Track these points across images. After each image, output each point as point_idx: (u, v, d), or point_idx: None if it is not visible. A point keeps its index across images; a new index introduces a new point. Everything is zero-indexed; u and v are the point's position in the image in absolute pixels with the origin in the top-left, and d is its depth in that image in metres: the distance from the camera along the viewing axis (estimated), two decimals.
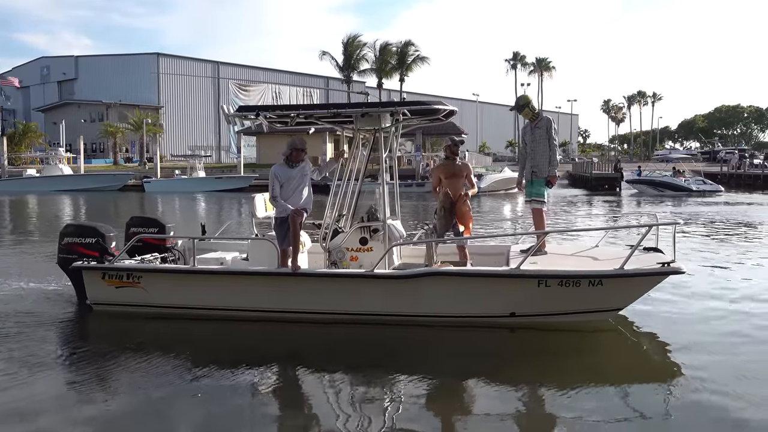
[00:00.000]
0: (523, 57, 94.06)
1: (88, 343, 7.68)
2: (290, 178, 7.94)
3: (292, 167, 8.02)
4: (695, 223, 20.76)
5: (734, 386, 5.82)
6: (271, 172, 7.99)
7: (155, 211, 30.15)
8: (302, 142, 8.09)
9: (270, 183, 7.95)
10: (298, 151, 8.02)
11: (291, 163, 8.02)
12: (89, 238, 8.54)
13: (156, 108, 76.82)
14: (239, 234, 16.30)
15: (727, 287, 10.13)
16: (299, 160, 8.04)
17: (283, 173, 7.97)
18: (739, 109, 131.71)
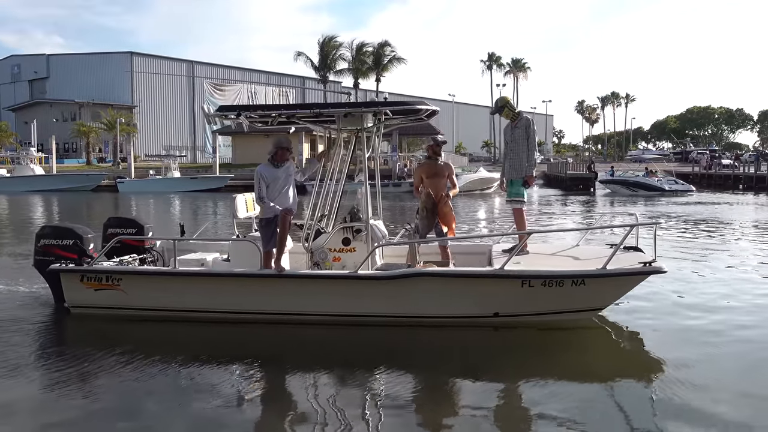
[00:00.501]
0: (498, 58, 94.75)
1: (66, 347, 7.50)
2: (276, 178, 7.81)
3: (277, 167, 7.88)
4: (672, 222, 21.06)
5: (714, 382, 5.92)
6: (257, 172, 7.80)
7: (129, 212, 29.79)
8: (288, 141, 7.98)
9: (256, 183, 7.77)
10: (283, 150, 7.89)
11: (276, 162, 7.89)
12: (66, 240, 8.37)
13: (130, 107, 75.97)
14: (217, 234, 16.12)
15: (704, 284, 10.34)
16: (284, 160, 7.91)
17: (269, 173, 7.81)
18: (710, 110, 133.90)
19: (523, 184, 8.67)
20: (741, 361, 6.60)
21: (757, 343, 7.26)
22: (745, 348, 7.08)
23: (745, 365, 6.51)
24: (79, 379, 6.23)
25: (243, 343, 7.46)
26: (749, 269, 11.99)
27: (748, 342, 7.29)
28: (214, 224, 20.76)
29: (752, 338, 7.44)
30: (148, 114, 78.95)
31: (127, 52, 79.73)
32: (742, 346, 7.15)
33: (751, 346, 7.14)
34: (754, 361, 6.66)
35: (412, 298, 7.50)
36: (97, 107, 70.54)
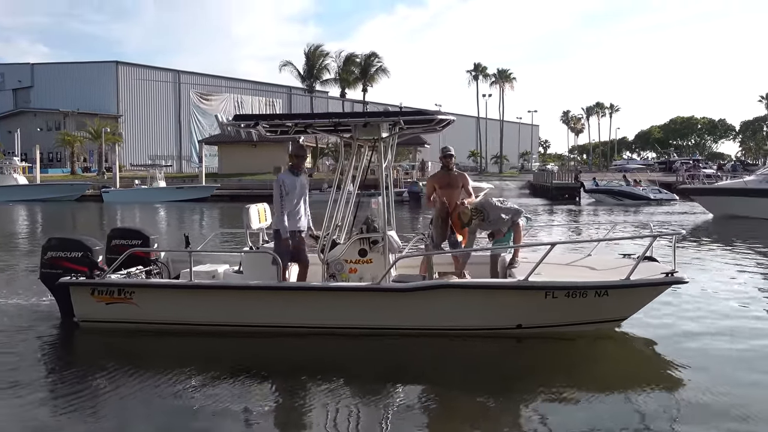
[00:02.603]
0: (484, 68, 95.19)
1: (77, 362, 7.25)
2: (294, 186, 7.90)
3: (297, 175, 7.99)
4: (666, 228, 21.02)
5: (734, 394, 5.93)
6: (279, 179, 7.87)
7: (114, 222, 29.57)
8: (305, 150, 8.04)
9: (276, 191, 7.82)
10: (300, 159, 8.08)
11: (296, 170, 8.00)
12: (75, 252, 8.17)
13: (115, 117, 75.55)
14: (221, 245, 15.71)
15: (717, 292, 10.50)
16: (301, 168, 8.05)
17: (290, 181, 7.89)
18: (693, 120, 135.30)
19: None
20: (757, 368, 6.67)
21: None
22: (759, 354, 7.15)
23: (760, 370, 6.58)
24: (92, 395, 6.05)
25: (259, 356, 7.31)
26: (757, 276, 12.15)
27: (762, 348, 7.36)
28: (216, 235, 20.53)
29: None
30: (134, 123, 78.55)
31: (112, 61, 79.43)
32: (757, 353, 7.23)
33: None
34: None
35: (435, 309, 7.43)
36: (82, 116, 70.05)
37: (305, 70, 68.30)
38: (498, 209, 8.25)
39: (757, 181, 27.20)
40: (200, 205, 40.89)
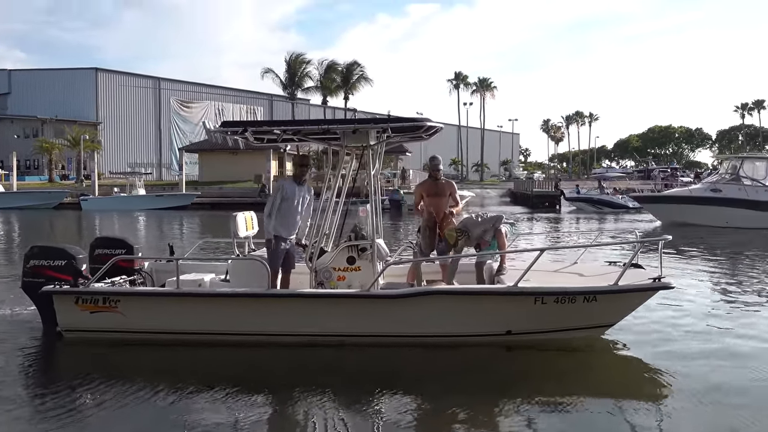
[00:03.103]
0: (465, 77, 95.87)
1: (60, 374, 7.09)
2: (294, 195, 7.91)
3: (300, 185, 8.03)
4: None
5: (720, 402, 5.99)
6: (279, 183, 7.93)
7: (92, 230, 29.27)
8: (308, 160, 8.11)
9: (273, 194, 7.89)
10: (302, 168, 8.10)
11: (298, 180, 8.04)
12: (59, 261, 8.03)
13: (94, 124, 74.86)
14: (205, 255, 15.56)
15: (701, 298, 10.71)
16: (303, 176, 8.11)
17: (290, 188, 7.93)
18: (671, 129, 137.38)
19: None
20: (738, 376, 6.73)
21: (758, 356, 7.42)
22: (745, 361, 7.22)
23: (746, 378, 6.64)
24: (76, 408, 5.88)
25: (249, 366, 7.20)
26: (741, 280, 12.35)
27: (748, 356, 7.44)
28: (200, 244, 20.38)
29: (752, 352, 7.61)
30: (114, 131, 77.87)
31: (92, 68, 78.72)
32: (742, 358, 7.32)
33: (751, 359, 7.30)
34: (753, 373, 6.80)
35: (425, 316, 7.42)
36: (60, 124, 69.32)
37: (286, 78, 68.25)
38: (479, 225, 8.34)
39: (702, 189, 28.20)
40: (180, 213, 40.57)
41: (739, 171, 27.07)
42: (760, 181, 26.54)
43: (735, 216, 25.35)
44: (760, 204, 25.69)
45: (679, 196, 29.09)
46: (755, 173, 26.95)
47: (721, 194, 26.63)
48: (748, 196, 26.07)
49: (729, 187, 26.76)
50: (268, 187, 48.90)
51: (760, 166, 27.27)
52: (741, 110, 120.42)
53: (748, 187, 26.38)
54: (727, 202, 26.18)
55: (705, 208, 26.34)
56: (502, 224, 8.42)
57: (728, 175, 27.67)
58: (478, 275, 8.43)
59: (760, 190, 26.18)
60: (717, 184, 27.59)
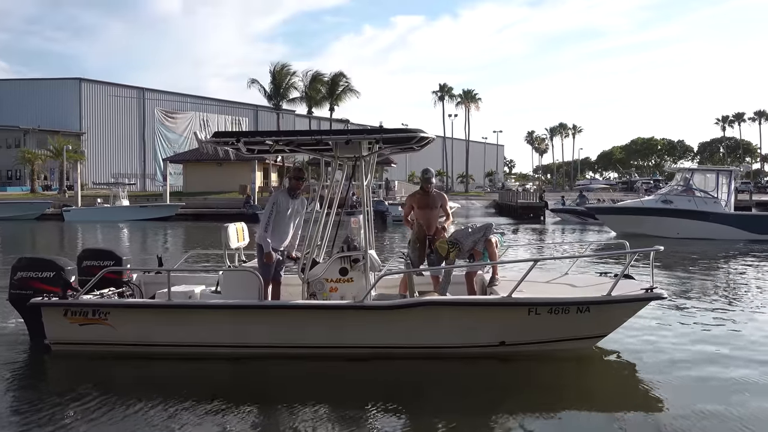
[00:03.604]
0: (450, 89, 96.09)
1: (48, 388, 6.95)
2: (287, 208, 7.93)
3: (294, 197, 8.03)
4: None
5: (709, 411, 6.01)
6: (274, 196, 7.96)
7: (74, 241, 28.99)
8: (303, 172, 8.13)
9: (267, 207, 7.90)
10: (298, 181, 8.11)
11: (293, 193, 8.04)
12: (47, 272, 7.90)
13: (78, 134, 74.35)
14: (189, 265, 15.40)
15: (691, 309, 10.80)
16: (298, 189, 8.11)
17: (284, 201, 7.94)
18: (653, 141, 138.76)
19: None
20: (727, 382, 6.83)
21: (746, 364, 7.51)
22: (733, 371, 7.30)
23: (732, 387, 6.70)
24: (65, 423, 5.78)
25: (242, 378, 7.15)
26: (724, 289, 12.57)
27: (737, 364, 7.52)
28: (189, 255, 20.18)
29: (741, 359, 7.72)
30: (97, 141, 77.42)
31: (75, 78, 78.29)
32: (731, 370, 7.36)
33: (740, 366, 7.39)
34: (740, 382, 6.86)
35: (419, 327, 7.39)
36: (43, 134, 68.76)
37: (271, 89, 68.10)
38: (469, 236, 8.36)
39: (654, 200, 28.97)
40: (164, 224, 40.29)
41: (690, 183, 27.85)
42: (710, 192, 27.32)
43: (685, 227, 26.05)
44: (709, 215, 26.53)
45: (632, 207, 29.80)
46: (706, 185, 27.74)
47: (672, 205, 27.39)
48: (698, 208, 26.88)
49: (680, 198, 27.54)
50: (253, 197, 48.75)
51: (710, 178, 28.03)
52: (722, 123, 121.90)
53: (698, 198, 27.18)
54: (678, 213, 26.97)
55: (657, 219, 27.07)
56: (492, 233, 8.43)
57: (680, 186, 28.47)
58: (469, 286, 8.43)
59: (709, 202, 26.98)
60: (668, 196, 28.36)
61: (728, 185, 27.53)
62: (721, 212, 26.73)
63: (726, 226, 26.06)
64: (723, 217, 26.50)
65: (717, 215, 26.53)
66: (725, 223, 26.20)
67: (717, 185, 27.32)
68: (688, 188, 27.64)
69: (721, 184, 27.37)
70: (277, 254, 7.93)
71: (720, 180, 27.51)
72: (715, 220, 26.30)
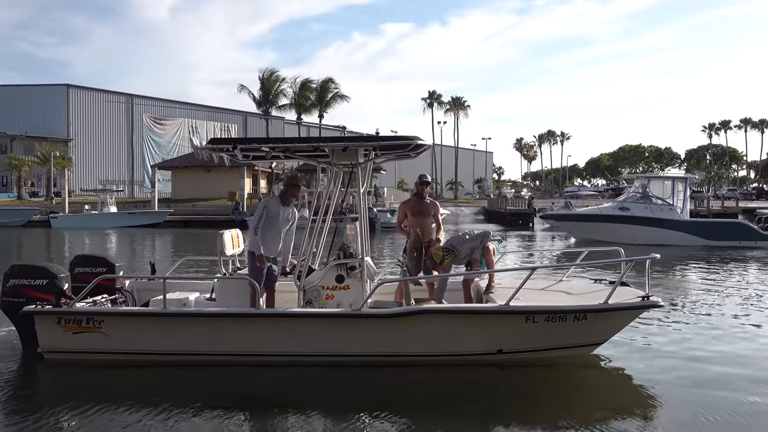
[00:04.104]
0: (439, 96, 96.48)
1: (41, 397, 6.87)
2: (277, 214, 7.88)
3: (286, 205, 8.00)
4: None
5: (707, 420, 6.03)
6: (264, 201, 7.91)
7: (61, 248, 28.78)
8: (298, 180, 8.07)
9: (257, 211, 7.84)
10: (294, 188, 8.07)
11: (286, 200, 8.01)
12: (40, 280, 7.80)
13: (65, 141, 73.92)
14: (179, 271, 15.35)
15: (686, 316, 10.87)
16: (293, 197, 8.09)
17: (275, 207, 7.89)
18: (641, 149, 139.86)
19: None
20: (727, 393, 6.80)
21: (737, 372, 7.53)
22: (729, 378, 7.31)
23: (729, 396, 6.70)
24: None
25: (237, 387, 7.04)
26: (720, 295, 12.67)
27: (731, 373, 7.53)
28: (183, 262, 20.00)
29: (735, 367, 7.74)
30: (85, 147, 76.99)
31: (63, 84, 77.89)
32: (724, 375, 7.40)
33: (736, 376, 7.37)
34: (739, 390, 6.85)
35: (417, 335, 7.34)
36: (30, 140, 68.27)
37: (261, 96, 68.01)
38: (466, 243, 8.33)
39: (611, 207, 29.52)
40: (152, 231, 40.10)
41: (647, 190, 28.29)
42: (665, 199, 27.77)
43: (641, 233, 26.29)
44: (665, 222, 26.97)
45: (589, 214, 30.25)
46: (662, 192, 28.18)
47: (628, 212, 27.78)
48: (653, 215, 27.28)
49: (636, 205, 27.94)
50: (242, 204, 48.63)
51: (666, 186, 28.49)
52: (708, 130, 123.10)
53: (654, 205, 27.59)
54: (634, 220, 27.32)
55: (614, 226, 27.41)
56: (490, 241, 8.41)
57: (637, 194, 28.89)
58: (466, 294, 8.41)
59: (664, 209, 27.43)
60: (625, 203, 28.78)
61: (684, 192, 28.02)
62: (676, 219, 27.19)
63: (681, 233, 26.48)
64: (678, 224, 26.97)
65: (672, 222, 27.00)
66: (680, 230, 26.63)
67: (673, 192, 27.81)
68: (644, 195, 28.12)
69: (677, 191, 27.87)
70: (269, 261, 7.88)
71: (676, 187, 28.02)
72: (670, 226, 26.77)
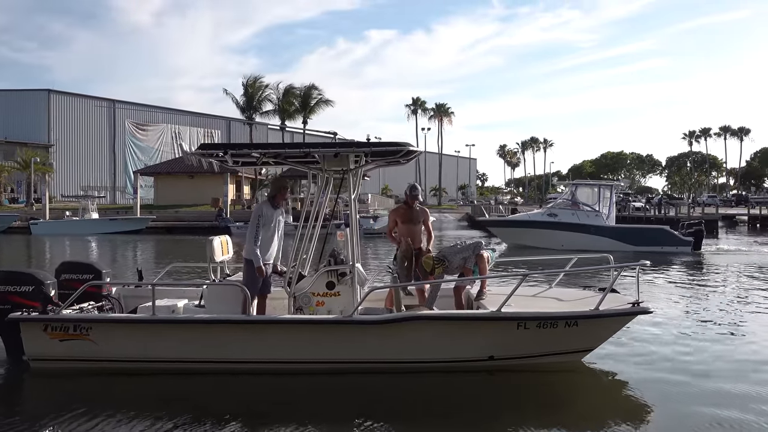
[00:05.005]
0: (423, 102, 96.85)
1: (26, 406, 6.76)
2: (271, 219, 7.85)
3: (276, 208, 7.96)
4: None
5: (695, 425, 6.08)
6: (258, 209, 7.88)
7: (42, 255, 28.48)
8: (287, 182, 8.02)
9: (252, 221, 7.78)
10: (284, 191, 8.05)
11: (276, 203, 7.97)
12: (26, 286, 7.67)
13: (46, 146, 73.21)
14: (171, 279, 15.24)
15: (673, 321, 10.96)
16: (284, 200, 8.07)
17: (268, 213, 7.85)
18: (622, 156, 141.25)
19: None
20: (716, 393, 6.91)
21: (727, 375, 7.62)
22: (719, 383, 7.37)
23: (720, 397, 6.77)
24: None
25: (227, 394, 6.97)
26: (708, 302, 12.82)
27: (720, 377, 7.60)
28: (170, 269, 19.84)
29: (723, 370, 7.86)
30: (66, 153, 76.28)
31: (44, 89, 77.11)
32: (712, 383, 7.43)
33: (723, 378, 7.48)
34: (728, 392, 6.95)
35: (408, 342, 7.31)
36: (10, 146, 67.54)
37: (244, 102, 67.80)
38: (458, 254, 8.35)
39: (540, 214, 30.36)
40: (134, 238, 39.79)
41: (574, 197, 29.06)
42: (592, 206, 28.49)
43: (569, 239, 26.75)
44: (590, 228, 27.58)
45: (520, 220, 31.04)
46: (590, 199, 28.90)
47: (557, 218, 28.39)
48: (580, 221, 27.94)
49: (564, 212, 28.64)
50: (225, 210, 48.39)
51: (593, 193, 29.22)
52: (689, 137, 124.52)
53: (580, 212, 28.30)
54: (562, 226, 27.94)
55: (542, 232, 28.08)
56: (484, 250, 8.42)
57: (565, 200, 29.72)
58: (457, 300, 8.40)
59: (591, 215, 28.15)
60: (554, 209, 29.51)
61: (610, 199, 28.66)
62: (602, 225, 27.83)
63: (606, 238, 26.97)
64: (603, 230, 27.58)
65: (597, 228, 27.60)
66: (605, 236, 27.15)
67: (599, 199, 28.51)
68: (573, 202, 28.87)
69: (603, 198, 28.56)
70: (267, 267, 7.84)
71: (602, 194, 28.72)
72: (595, 232, 27.32)
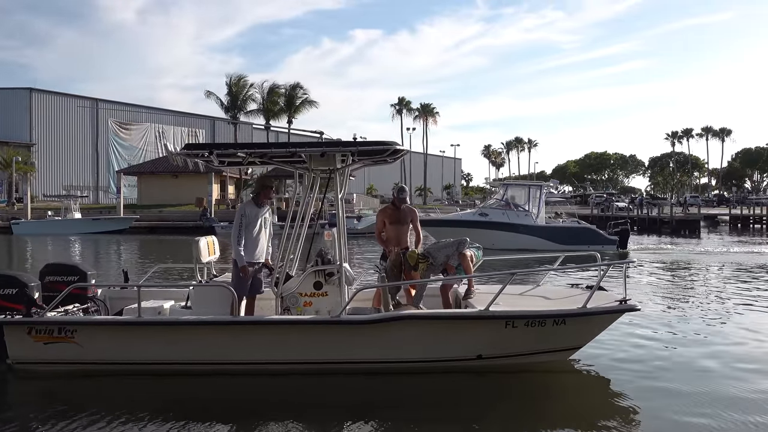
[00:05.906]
0: (408, 102, 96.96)
1: (10, 409, 6.65)
2: (256, 218, 7.77)
3: (260, 206, 7.89)
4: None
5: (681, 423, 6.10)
6: (241, 209, 7.80)
7: (24, 255, 28.18)
8: (272, 181, 7.96)
9: (235, 222, 7.69)
10: (268, 190, 7.96)
11: (260, 202, 7.90)
12: (9, 289, 7.56)
13: (28, 145, 72.43)
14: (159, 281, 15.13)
15: (660, 319, 11.02)
16: (268, 198, 7.99)
17: (252, 212, 7.76)
18: (606, 156, 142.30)
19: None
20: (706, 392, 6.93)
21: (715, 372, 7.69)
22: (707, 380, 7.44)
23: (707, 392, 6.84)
24: None
25: (215, 396, 6.90)
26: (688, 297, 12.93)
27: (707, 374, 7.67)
28: (156, 270, 19.73)
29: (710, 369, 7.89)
30: (48, 152, 75.51)
31: (26, 88, 76.21)
32: (696, 380, 7.47)
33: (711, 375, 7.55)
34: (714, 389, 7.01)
35: (396, 342, 7.29)
36: None
37: (228, 101, 67.43)
38: (442, 250, 8.32)
39: (471, 213, 30.99)
40: (117, 238, 39.48)
41: (505, 197, 29.62)
42: (521, 206, 29.06)
43: (499, 238, 27.10)
44: (519, 227, 28.10)
45: (452, 220, 31.42)
46: (520, 199, 29.47)
47: (488, 218, 28.83)
48: (510, 220, 28.43)
49: (495, 211, 29.14)
50: (209, 210, 48.18)
51: (523, 193, 29.83)
52: (671, 138, 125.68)
53: (510, 212, 28.79)
54: (493, 225, 28.34)
55: (474, 231, 27.97)
56: (468, 248, 8.39)
57: (497, 200, 30.36)
58: (444, 299, 8.40)
59: (520, 215, 28.68)
60: (485, 209, 30.11)
61: (540, 199, 29.10)
62: (531, 224, 28.31)
63: (535, 238, 27.49)
64: (532, 229, 28.04)
65: (527, 227, 28.08)
66: (534, 235, 27.65)
67: (529, 199, 29.02)
68: (504, 202, 29.38)
69: (533, 198, 29.04)
70: (253, 267, 7.78)
71: (531, 194, 29.22)
72: (525, 231, 27.80)
